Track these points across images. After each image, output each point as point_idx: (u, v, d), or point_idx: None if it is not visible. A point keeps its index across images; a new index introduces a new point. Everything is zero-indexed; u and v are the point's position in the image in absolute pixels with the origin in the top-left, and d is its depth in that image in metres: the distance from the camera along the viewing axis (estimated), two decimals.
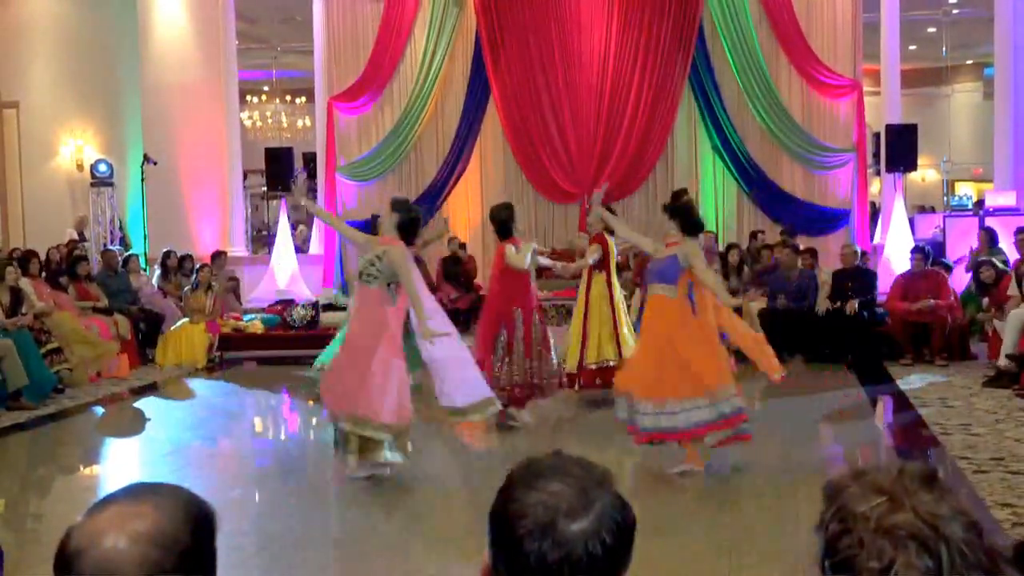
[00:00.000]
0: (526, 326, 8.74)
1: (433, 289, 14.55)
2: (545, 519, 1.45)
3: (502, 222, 8.97)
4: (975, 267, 12.18)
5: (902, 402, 9.73)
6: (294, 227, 18.05)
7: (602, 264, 9.66)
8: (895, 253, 14.41)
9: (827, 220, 15.40)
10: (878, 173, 16.38)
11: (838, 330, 11.99)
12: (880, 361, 11.72)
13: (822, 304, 12.17)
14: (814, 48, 15.28)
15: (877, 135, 15.91)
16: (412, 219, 7.10)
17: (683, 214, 7.31)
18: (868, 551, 1.31)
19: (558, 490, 1.48)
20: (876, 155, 15.98)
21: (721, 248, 14.18)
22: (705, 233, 14.76)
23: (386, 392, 6.87)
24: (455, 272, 14.68)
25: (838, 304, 12.17)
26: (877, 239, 15.55)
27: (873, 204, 16.89)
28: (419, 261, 14.52)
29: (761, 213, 15.57)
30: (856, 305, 12.04)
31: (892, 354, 11.87)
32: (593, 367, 9.55)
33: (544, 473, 1.52)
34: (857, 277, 12.50)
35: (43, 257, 13.31)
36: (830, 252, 14.06)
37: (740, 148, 15.43)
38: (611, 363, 9.36)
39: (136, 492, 1.49)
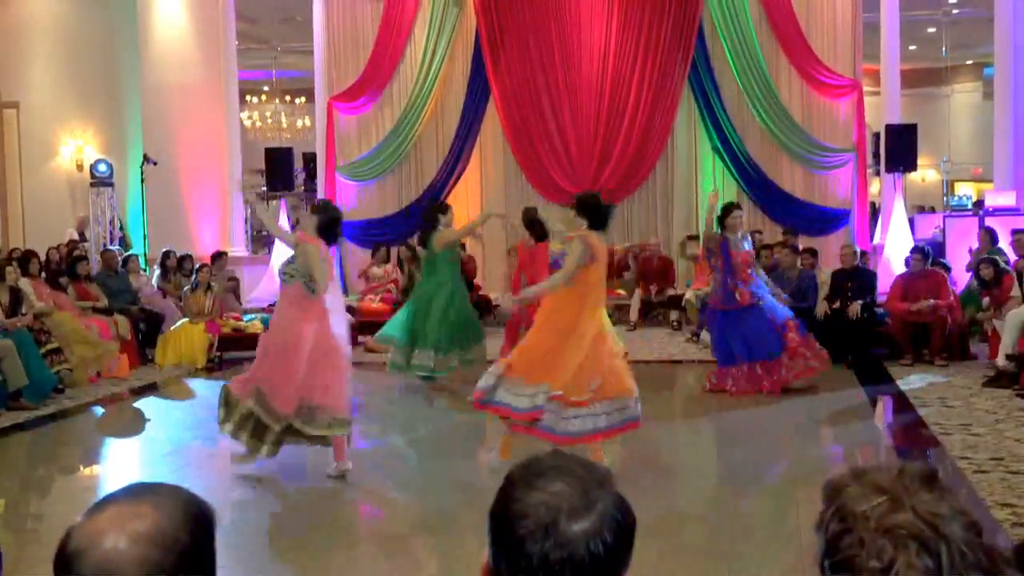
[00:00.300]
0: None
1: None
2: (547, 519, 1.45)
3: (542, 223, 9.68)
4: (976, 264, 12.15)
5: (902, 402, 9.69)
6: (294, 227, 18.00)
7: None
8: (895, 253, 14.37)
9: (827, 220, 15.38)
10: (878, 173, 16.38)
11: (838, 330, 11.94)
12: (880, 361, 11.68)
13: (820, 306, 12.12)
14: (814, 48, 15.27)
15: (877, 135, 15.92)
16: (332, 219, 7.33)
17: (589, 209, 7.28)
18: (868, 551, 1.31)
19: (559, 490, 1.47)
20: (876, 155, 16.01)
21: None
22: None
23: (345, 385, 7.14)
24: None
25: (837, 305, 12.12)
26: (877, 239, 15.54)
27: (873, 204, 16.89)
28: (419, 262, 14.63)
29: (761, 213, 15.55)
30: (859, 308, 11.98)
31: (892, 354, 11.84)
32: None
33: (545, 472, 1.51)
34: (856, 277, 12.45)
35: (43, 257, 13.28)
36: (830, 252, 14.04)
37: (740, 148, 15.42)
38: None
39: (135, 492, 1.49)
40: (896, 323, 11.93)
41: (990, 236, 13.11)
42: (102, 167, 15.57)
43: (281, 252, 16.14)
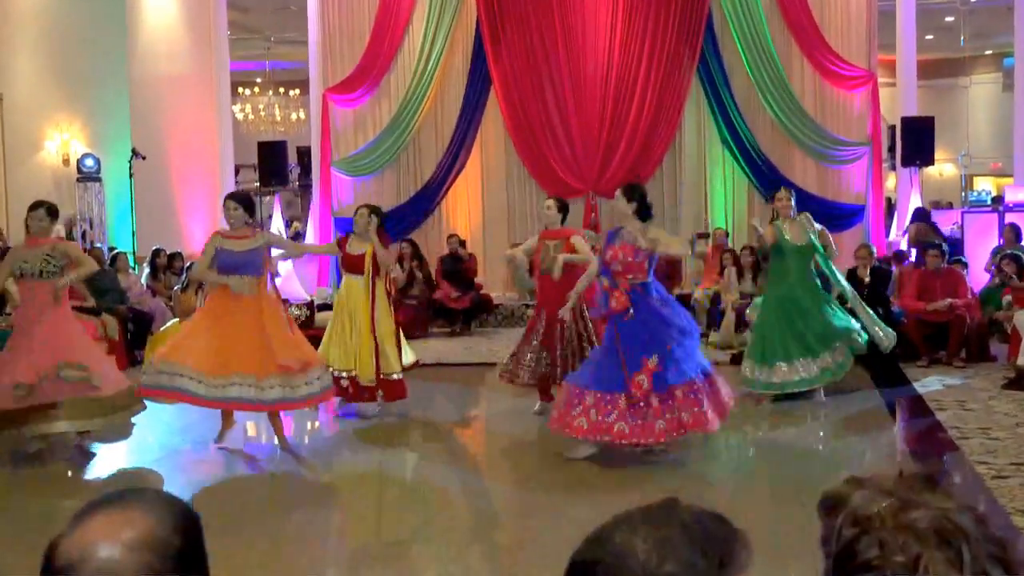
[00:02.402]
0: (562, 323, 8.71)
1: (433, 287, 14.29)
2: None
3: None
4: (999, 260, 11.97)
5: (918, 405, 9.58)
6: (288, 224, 17.72)
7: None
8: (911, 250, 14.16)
9: (841, 216, 15.13)
10: (893, 167, 16.22)
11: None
12: (895, 363, 11.42)
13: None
14: (827, 38, 15.04)
15: (892, 128, 15.74)
16: None
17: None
18: (891, 548, 1.30)
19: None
20: (891, 149, 15.83)
21: (731, 246, 13.90)
22: (715, 230, 14.59)
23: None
24: (455, 271, 14.42)
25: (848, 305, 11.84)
26: (892, 236, 15.38)
27: (888, 200, 16.69)
28: (422, 260, 14.34)
29: (772, 209, 15.18)
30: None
31: (908, 355, 11.60)
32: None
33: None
34: (872, 276, 12.18)
35: None
36: (846, 250, 13.70)
37: (750, 141, 15.17)
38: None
39: (120, 499, 1.46)
40: (912, 323, 11.70)
41: (1015, 232, 13.09)
42: (89, 162, 15.28)
43: (275, 250, 15.89)
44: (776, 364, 9.32)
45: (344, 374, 9.09)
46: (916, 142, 14.66)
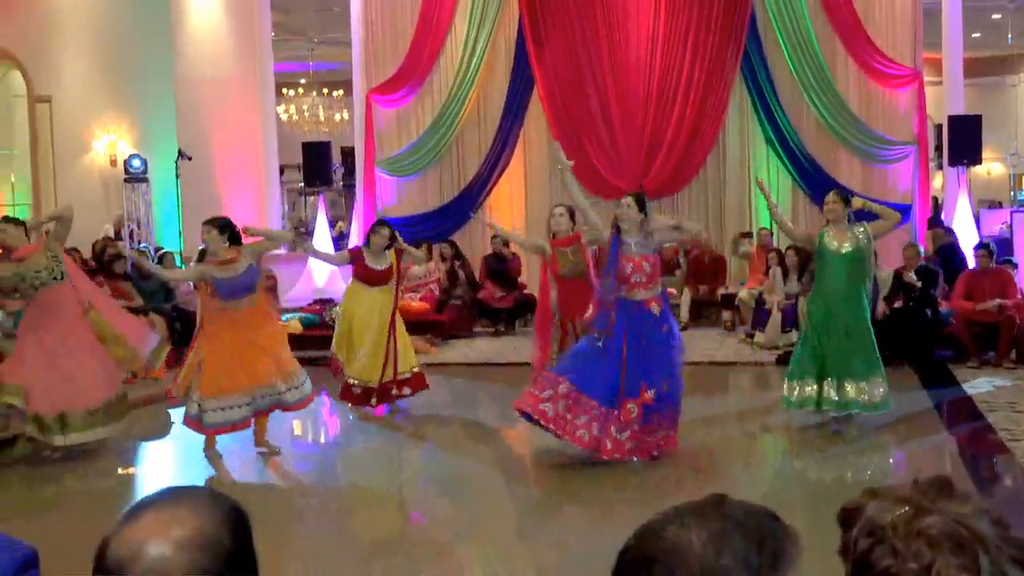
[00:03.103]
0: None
1: (476, 288, 14.30)
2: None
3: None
4: None
5: (968, 407, 9.49)
6: (332, 223, 17.78)
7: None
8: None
9: None
10: (940, 167, 16.09)
11: (899, 331, 11.54)
12: (944, 364, 11.39)
13: (880, 306, 11.68)
14: (872, 36, 14.81)
15: (939, 127, 15.70)
16: None
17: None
18: (904, 556, 1.29)
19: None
20: (938, 148, 15.75)
21: (777, 246, 13.77)
22: (761, 230, 14.48)
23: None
24: (498, 271, 14.40)
25: (898, 305, 11.74)
26: None
27: (935, 199, 16.47)
28: (464, 260, 14.38)
29: (817, 209, 15.04)
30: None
31: (957, 357, 11.54)
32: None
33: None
34: (920, 277, 12.05)
35: (88, 254, 13.44)
36: (890, 249, 13.56)
37: (795, 141, 14.99)
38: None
39: (171, 496, 1.46)
40: (961, 324, 11.59)
41: None
42: (136, 162, 15.43)
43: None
44: (806, 379, 8.40)
45: (366, 383, 9.40)
46: (963, 141, 14.47)
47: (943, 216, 15.41)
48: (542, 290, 9.03)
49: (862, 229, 8.39)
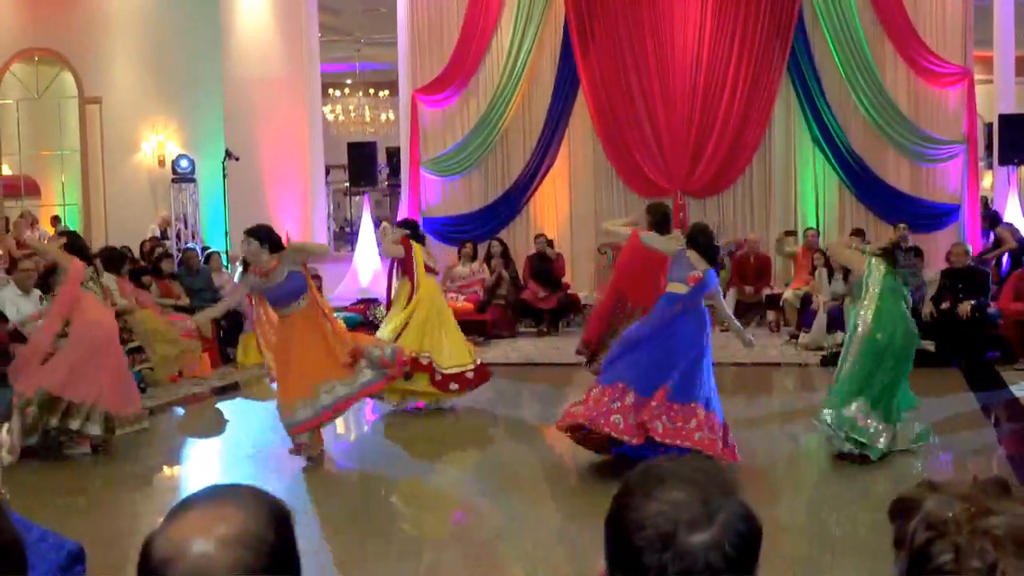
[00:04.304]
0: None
1: (520, 288, 14.30)
2: (665, 529, 1.42)
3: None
4: None
5: (1016, 409, 9.40)
6: (377, 223, 17.85)
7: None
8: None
9: (935, 216, 14.75)
10: (990, 166, 15.84)
11: (946, 332, 11.44)
12: (992, 365, 11.27)
13: (926, 307, 11.54)
14: (921, 34, 14.62)
15: (989, 126, 15.36)
16: None
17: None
18: (967, 553, 1.29)
19: (679, 499, 1.44)
20: (988, 147, 15.43)
21: (823, 246, 13.68)
22: (807, 231, 14.36)
23: None
24: (542, 270, 14.39)
25: (945, 306, 11.58)
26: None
27: (985, 199, 16.24)
28: (509, 260, 14.39)
29: (864, 209, 14.93)
30: (969, 307, 11.48)
31: (1005, 358, 11.39)
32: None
33: (664, 479, 1.48)
34: (968, 277, 11.91)
35: (136, 254, 13.58)
36: (939, 250, 13.43)
37: (842, 140, 14.81)
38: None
39: (215, 494, 1.48)
40: (1009, 325, 11.48)
41: None
42: (184, 163, 15.56)
43: (364, 250, 16.07)
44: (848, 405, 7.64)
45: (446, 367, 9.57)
46: (1014, 140, 14.22)
47: None
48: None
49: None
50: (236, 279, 14.00)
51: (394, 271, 10.24)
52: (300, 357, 7.71)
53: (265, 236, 7.68)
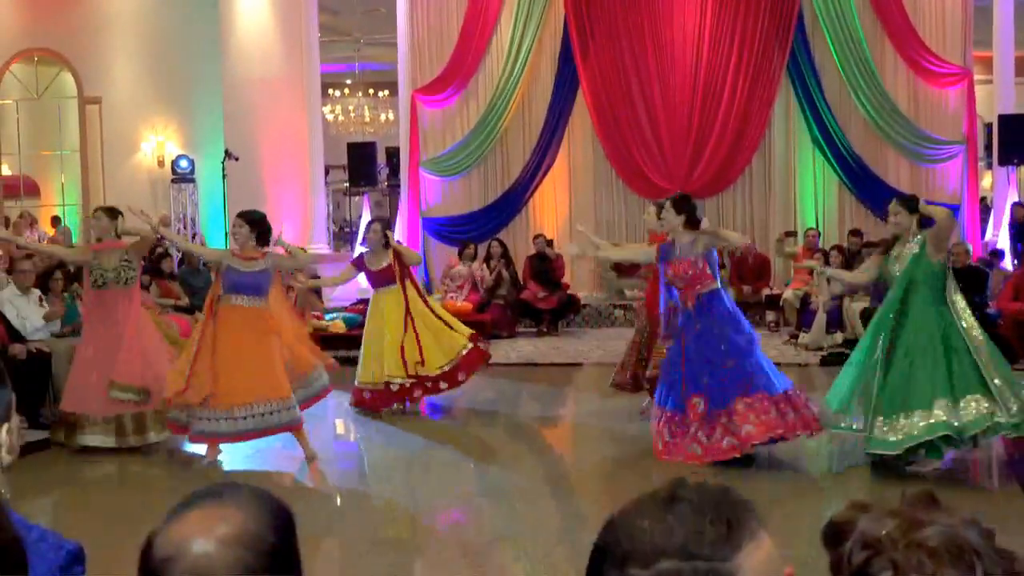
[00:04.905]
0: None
1: (520, 288, 14.28)
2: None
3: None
4: None
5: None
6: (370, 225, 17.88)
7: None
8: (1004, 252, 13.94)
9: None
10: (990, 167, 15.87)
11: None
12: None
13: None
14: (921, 34, 14.64)
15: (989, 126, 15.41)
16: None
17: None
18: (904, 568, 1.30)
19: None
20: (988, 147, 15.47)
21: (822, 246, 13.68)
22: (808, 231, 14.36)
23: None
24: (542, 270, 14.38)
25: None
26: (988, 236, 14.95)
27: (984, 199, 16.26)
28: (509, 261, 14.38)
29: (863, 209, 14.93)
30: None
31: (1005, 358, 11.22)
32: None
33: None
34: (968, 277, 11.87)
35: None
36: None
37: (841, 140, 14.82)
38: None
39: (216, 494, 1.48)
40: (1009, 325, 11.41)
41: None
42: (183, 163, 15.57)
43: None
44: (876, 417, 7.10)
45: (400, 381, 9.33)
46: (1014, 140, 14.22)
47: (991, 216, 15.25)
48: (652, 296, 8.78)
49: (920, 238, 7.19)
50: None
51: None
52: (229, 363, 7.69)
53: (255, 223, 7.86)
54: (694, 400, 7.20)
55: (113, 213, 8.53)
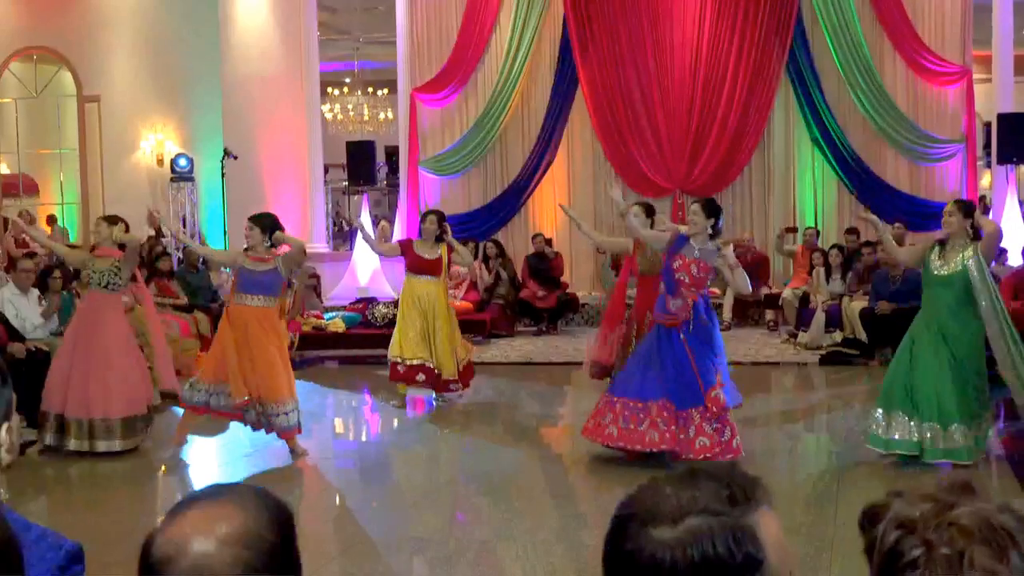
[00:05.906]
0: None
1: (519, 287, 14.29)
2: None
3: None
4: None
5: (1014, 409, 9.09)
6: (376, 222, 17.85)
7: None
8: (1008, 250, 13.71)
9: (934, 215, 14.61)
10: (989, 165, 15.87)
11: None
12: (992, 365, 11.12)
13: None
14: (920, 33, 14.62)
15: (988, 125, 15.40)
16: None
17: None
18: (936, 543, 1.32)
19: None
20: (987, 146, 15.51)
21: (821, 245, 13.68)
22: (807, 230, 14.36)
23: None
24: (541, 270, 14.38)
25: None
26: None
27: (983, 198, 16.27)
28: (507, 260, 14.40)
29: (863, 208, 14.90)
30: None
31: None
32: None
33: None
34: None
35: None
36: None
37: (841, 139, 14.81)
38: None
39: (215, 493, 1.48)
40: None
41: None
42: (182, 162, 15.53)
43: (363, 248, 16.02)
44: (893, 413, 7.39)
45: (420, 362, 9.46)
46: (1013, 139, 14.16)
47: (990, 215, 15.20)
48: (619, 287, 9.49)
49: (971, 253, 7.17)
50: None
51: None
52: (245, 357, 7.87)
53: (267, 227, 7.99)
54: (713, 393, 7.12)
55: (112, 221, 8.58)
